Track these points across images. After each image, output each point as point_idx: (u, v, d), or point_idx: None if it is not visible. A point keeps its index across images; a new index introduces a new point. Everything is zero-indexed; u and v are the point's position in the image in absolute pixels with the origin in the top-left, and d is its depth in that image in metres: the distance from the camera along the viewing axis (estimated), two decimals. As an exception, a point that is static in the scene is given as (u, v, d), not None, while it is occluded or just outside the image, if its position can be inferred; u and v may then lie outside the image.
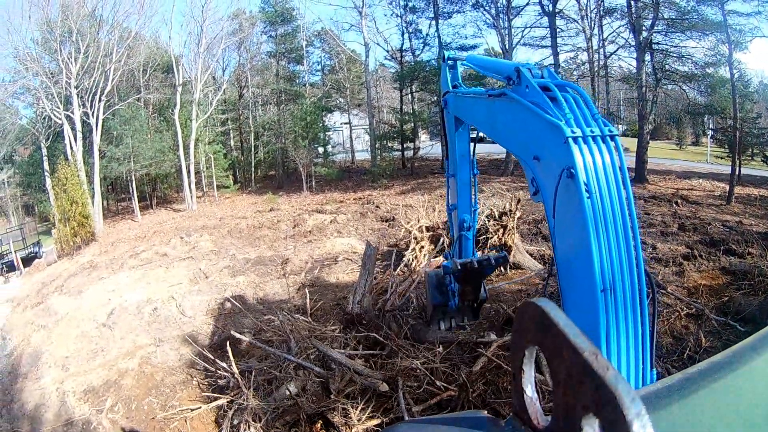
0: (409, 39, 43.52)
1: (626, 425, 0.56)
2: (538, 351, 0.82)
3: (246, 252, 21.17)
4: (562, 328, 0.71)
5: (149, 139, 37.57)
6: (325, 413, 8.27)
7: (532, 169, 4.97)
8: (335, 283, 16.00)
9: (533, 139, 4.93)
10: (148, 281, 17.74)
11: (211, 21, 40.60)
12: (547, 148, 4.68)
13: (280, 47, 47.15)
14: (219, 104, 42.93)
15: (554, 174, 4.48)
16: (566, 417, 0.69)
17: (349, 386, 8.69)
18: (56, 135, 36.73)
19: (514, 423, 0.91)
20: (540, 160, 4.80)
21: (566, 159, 4.28)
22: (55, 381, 11.95)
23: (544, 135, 4.67)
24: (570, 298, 4.58)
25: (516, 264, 14.42)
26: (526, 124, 5.02)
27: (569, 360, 0.67)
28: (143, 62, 39.79)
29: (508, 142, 5.88)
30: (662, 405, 0.93)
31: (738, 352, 1.16)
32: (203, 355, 11.48)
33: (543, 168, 4.78)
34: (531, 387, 0.89)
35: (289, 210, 30.64)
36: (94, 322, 14.66)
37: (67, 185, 29.17)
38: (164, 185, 42.63)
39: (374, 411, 8.25)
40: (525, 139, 5.14)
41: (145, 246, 24.25)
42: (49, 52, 35.09)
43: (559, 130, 4.35)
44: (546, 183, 4.76)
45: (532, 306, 0.78)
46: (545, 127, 4.60)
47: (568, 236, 4.49)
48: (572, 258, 4.47)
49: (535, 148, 4.88)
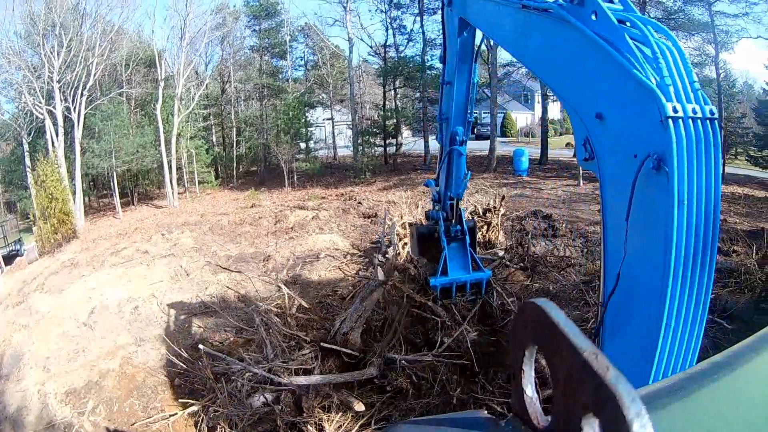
0: (393, 35, 43.49)
1: (626, 425, 0.56)
2: (538, 351, 0.82)
3: (227, 249, 21.08)
4: (562, 327, 0.71)
5: (131, 134, 37.40)
6: (299, 425, 8.15)
7: (589, 129, 4.14)
8: (317, 281, 15.87)
9: (601, 91, 4.02)
10: (129, 279, 17.59)
11: (195, 15, 40.51)
12: (624, 114, 3.85)
13: (264, 42, 47.06)
14: (201, 99, 42.62)
15: (627, 151, 3.75)
16: (566, 417, 0.70)
17: (325, 400, 8.54)
18: (38, 130, 36.40)
19: (514, 423, 0.91)
20: (605, 121, 3.96)
21: (658, 144, 3.48)
22: (37, 382, 11.81)
23: (626, 96, 3.77)
24: (622, 310, 4.01)
25: None
26: (592, 66, 4.06)
27: (569, 360, 0.67)
28: (126, 56, 39.60)
29: (548, 76, 5.00)
30: (662, 405, 0.92)
31: (738, 352, 1.16)
32: (181, 356, 11.34)
33: (609, 134, 3.98)
34: (531, 387, 0.88)
35: (270, 206, 30.63)
36: (75, 321, 14.51)
37: (47, 182, 28.96)
38: (146, 181, 42.26)
39: (351, 425, 8.17)
40: (583, 84, 4.25)
41: (127, 243, 24.07)
42: (32, 46, 34.89)
43: (654, 100, 3.47)
44: (610, 157, 4.01)
45: (532, 305, 0.78)
46: (631, 88, 3.66)
47: (639, 241, 3.74)
48: (636, 267, 3.79)
49: (602, 103, 3.99)
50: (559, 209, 22.85)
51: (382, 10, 42.90)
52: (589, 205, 23.41)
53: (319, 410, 8.34)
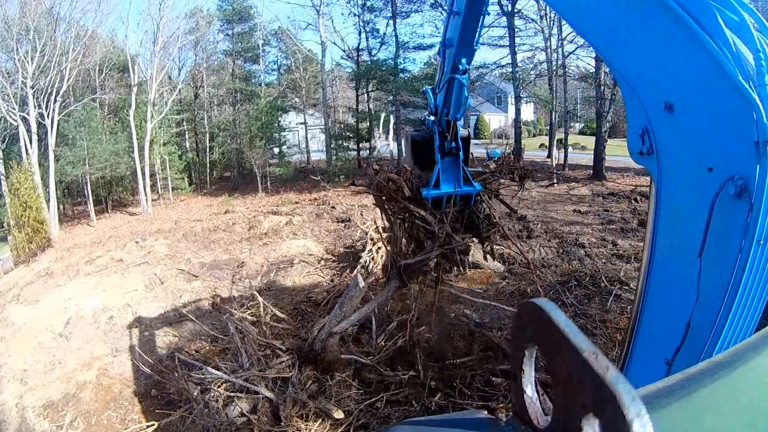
0: (366, 38, 43.71)
1: (626, 425, 0.56)
2: (538, 351, 0.83)
3: (201, 256, 21.07)
4: (562, 327, 0.71)
5: (104, 140, 37.14)
6: None
7: (652, 119, 3.61)
8: (291, 287, 16.02)
9: (679, 80, 3.45)
10: (104, 288, 17.55)
11: (168, 19, 40.45)
12: (706, 116, 3.30)
13: (237, 46, 47.12)
14: (174, 104, 42.60)
15: (700, 161, 3.30)
16: (566, 417, 0.70)
17: (302, 409, 8.61)
18: (12, 137, 35.93)
19: (514, 423, 0.92)
20: (675, 115, 3.44)
21: (746, 168, 3.02)
22: (15, 395, 11.80)
23: (714, 97, 3.22)
24: (658, 328, 3.73)
25: (475, 264, 14.29)
26: (673, 48, 3.46)
27: (569, 360, 0.67)
28: (99, 61, 39.28)
29: (597, 38, 4.24)
30: (662, 405, 0.92)
31: (738, 352, 1.16)
32: (156, 366, 11.52)
33: (678, 132, 3.47)
34: (531, 387, 0.89)
35: (244, 212, 30.53)
36: (52, 333, 14.51)
37: (21, 189, 28.75)
38: (120, 188, 41.94)
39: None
40: (654, 65, 3.61)
41: (101, 251, 23.95)
42: (6, 51, 34.43)
43: (754, 116, 2.95)
44: (676, 159, 3.54)
45: (532, 305, 0.78)
46: (725, 91, 3.11)
47: (709, 272, 3.27)
48: (684, 297, 3.40)
49: (677, 93, 3.44)
50: (534, 210, 23.13)
51: (355, 14, 43.09)
52: (564, 205, 23.79)
53: (297, 419, 8.41)
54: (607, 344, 10.46)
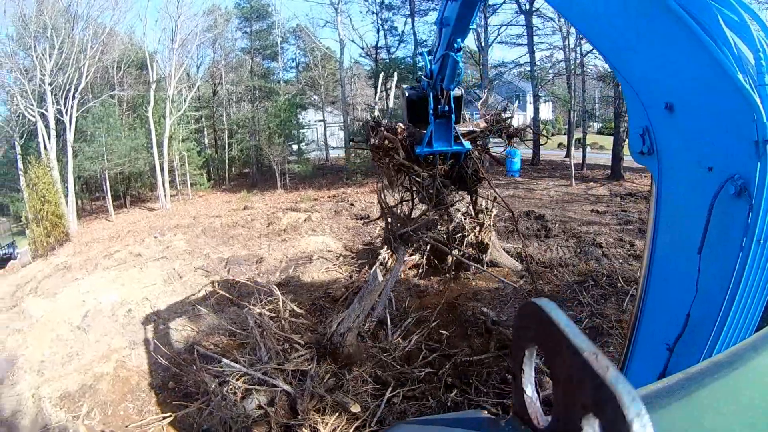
0: (384, 36, 43.44)
1: (626, 425, 0.56)
2: (538, 351, 0.83)
3: (220, 251, 21.02)
4: (562, 327, 0.71)
5: (123, 136, 37.35)
6: (294, 428, 8.19)
7: (653, 119, 3.58)
8: (310, 282, 15.87)
9: (680, 79, 3.40)
10: (122, 282, 17.53)
11: (186, 17, 40.47)
12: (706, 115, 3.25)
13: (255, 44, 47.18)
14: (193, 101, 42.74)
15: (700, 160, 3.27)
16: (566, 417, 0.70)
17: (320, 403, 8.60)
18: (30, 133, 36.37)
19: (514, 423, 0.92)
20: (675, 115, 3.40)
21: (746, 168, 2.99)
22: (31, 386, 11.81)
23: (714, 97, 3.18)
24: (658, 324, 3.70)
25: (493, 262, 14.30)
26: (674, 48, 3.42)
27: (569, 360, 0.68)
28: (117, 59, 39.55)
29: (607, 43, 4.13)
30: (662, 405, 0.92)
31: (738, 352, 1.16)
32: (174, 359, 11.49)
33: (679, 132, 3.43)
34: (531, 387, 0.89)
35: (263, 208, 30.48)
36: (69, 325, 14.50)
37: (39, 184, 28.94)
38: (138, 184, 42.24)
39: (346, 428, 8.22)
40: (655, 64, 3.57)
41: (120, 246, 24.03)
42: (24, 48, 34.75)
43: (754, 115, 2.92)
44: (676, 158, 3.51)
45: (532, 305, 0.79)
46: (725, 91, 3.07)
47: (709, 269, 3.25)
48: (686, 296, 3.37)
49: (677, 93, 3.41)
50: (552, 210, 22.76)
51: (373, 12, 42.96)
52: (582, 205, 23.42)
53: (314, 413, 8.36)
54: (622, 344, 10.19)
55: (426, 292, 13.34)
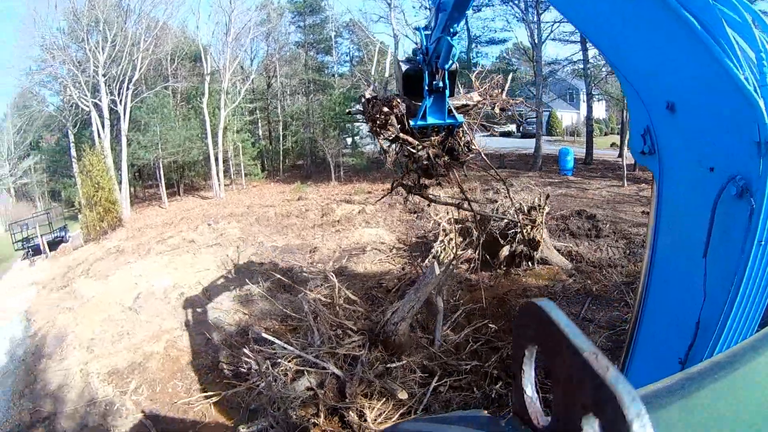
0: (438, 32, 42.71)
1: (626, 425, 0.55)
2: (539, 351, 0.81)
3: (274, 240, 21.23)
4: (563, 328, 0.69)
5: (177, 126, 37.79)
6: (341, 410, 8.38)
7: (654, 119, 3.56)
8: (363, 273, 15.97)
9: (681, 79, 3.37)
10: (175, 267, 17.85)
11: (240, 11, 40.55)
12: (707, 115, 3.22)
13: (309, 38, 47.10)
14: (247, 93, 43.01)
15: (701, 160, 3.24)
16: (566, 417, 0.68)
17: (368, 388, 8.79)
18: (83, 122, 37.14)
19: (514, 423, 0.90)
20: (677, 115, 3.38)
21: (747, 168, 2.96)
22: (80, 362, 12.14)
23: (715, 97, 3.13)
24: (659, 325, 3.74)
25: (543, 260, 14.38)
26: (674, 47, 3.37)
27: (569, 360, 0.66)
28: (171, 51, 39.89)
29: (599, 36, 4.18)
30: (662, 405, 0.90)
31: (738, 352, 1.13)
32: (227, 340, 11.77)
33: (680, 131, 3.41)
34: (531, 387, 0.87)
35: (317, 199, 30.56)
36: (121, 306, 14.81)
37: (93, 171, 29.56)
38: (191, 173, 42.82)
39: (391, 413, 8.37)
40: (656, 64, 3.53)
41: (173, 232, 24.48)
42: (76, 41, 35.39)
43: (755, 116, 2.88)
44: (677, 158, 3.49)
45: (533, 306, 0.76)
46: (726, 91, 3.01)
47: (712, 271, 3.22)
48: (686, 296, 3.40)
49: (678, 93, 3.38)
50: (603, 210, 22.34)
51: (425, 7, 42.23)
52: (633, 206, 22.95)
53: (362, 397, 8.60)
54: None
55: (477, 287, 13.32)
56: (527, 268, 13.98)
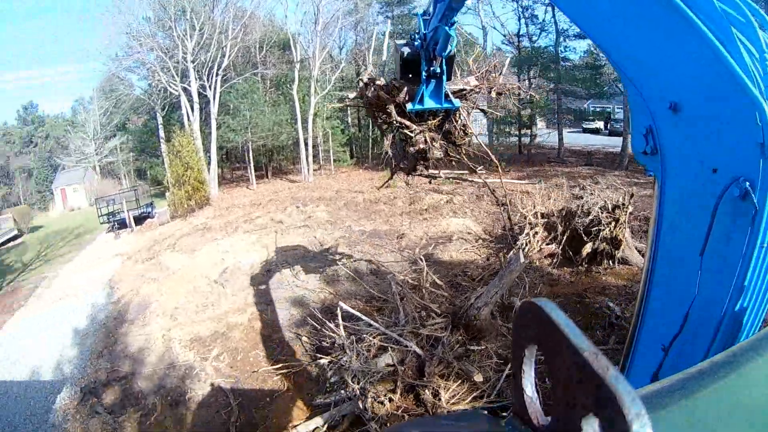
0: (525, 24, 42.56)
1: (626, 425, 0.54)
2: (538, 351, 0.78)
3: (362, 224, 21.39)
4: (562, 328, 0.67)
5: (267, 111, 38.38)
6: (417, 388, 8.70)
7: (657, 118, 3.46)
8: (449, 261, 16.05)
9: (684, 78, 3.25)
10: (262, 245, 18.18)
11: (327, 1, 40.75)
12: (711, 116, 3.10)
13: (397, 28, 46.86)
14: (337, 81, 43.20)
15: (704, 161, 3.17)
16: (566, 417, 0.66)
17: (446, 369, 9.04)
18: (172, 105, 38.40)
19: (514, 423, 0.86)
20: (680, 115, 3.27)
21: (750, 170, 2.88)
22: (162, 328, 12.59)
23: (718, 97, 3.00)
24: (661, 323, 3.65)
25: (624, 259, 14.33)
26: (676, 45, 3.24)
27: (569, 360, 0.64)
28: (259, 39, 40.57)
29: (600, 34, 4.05)
30: (662, 405, 0.88)
31: (738, 352, 1.09)
32: (313, 315, 11.80)
33: (683, 132, 3.30)
34: (531, 387, 0.83)
35: (405, 188, 30.30)
36: (206, 279, 15.23)
37: (182, 152, 30.43)
38: (280, 156, 43.71)
39: (465, 395, 8.53)
40: (659, 63, 3.42)
41: (261, 213, 24.96)
42: (163, 29, 36.41)
43: (758, 117, 2.79)
44: (679, 159, 3.39)
45: (532, 305, 0.74)
46: (728, 91, 2.91)
47: (712, 272, 3.18)
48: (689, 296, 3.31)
49: (681, 92, 3.27)
50: None
51: (513, 0, 41.81)
52: None
53: (438, 377, 8.90)
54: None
55: (558, 282, 13.85)
56: (608, 266, 14.07)
